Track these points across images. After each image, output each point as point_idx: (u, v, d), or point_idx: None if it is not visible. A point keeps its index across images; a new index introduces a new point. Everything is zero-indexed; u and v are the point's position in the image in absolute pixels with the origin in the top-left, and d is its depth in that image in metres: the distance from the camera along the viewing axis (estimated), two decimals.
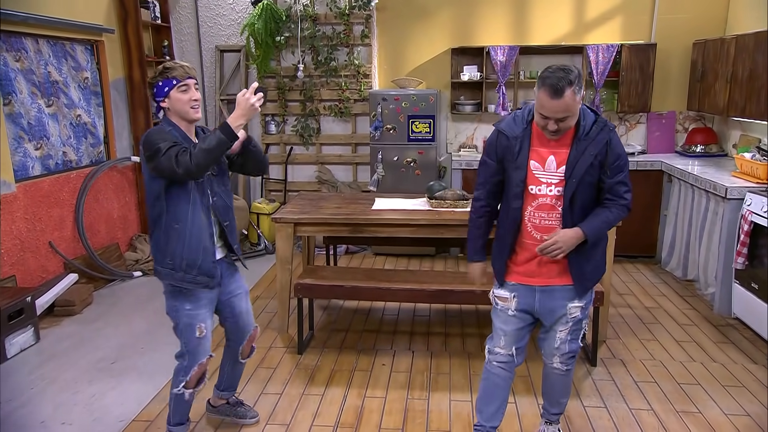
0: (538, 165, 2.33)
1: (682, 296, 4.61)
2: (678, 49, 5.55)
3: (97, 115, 5.21)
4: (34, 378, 3.42)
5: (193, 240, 2.45)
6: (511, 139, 2.35)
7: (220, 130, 2.32)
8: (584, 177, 2.27)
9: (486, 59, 5.56)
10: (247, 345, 2.84)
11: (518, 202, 2.36)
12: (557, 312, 2.42)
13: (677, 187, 5.04)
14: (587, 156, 2.26)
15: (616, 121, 5.79)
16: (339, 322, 4.16)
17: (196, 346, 2.55)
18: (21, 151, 4.33)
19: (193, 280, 2.48)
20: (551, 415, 2.72)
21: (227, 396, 2.96)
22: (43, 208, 4.46)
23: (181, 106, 2.43)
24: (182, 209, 2.44)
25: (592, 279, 2.41)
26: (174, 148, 2.32)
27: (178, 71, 2.42)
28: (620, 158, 2.32)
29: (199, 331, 2.54)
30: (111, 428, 2.90)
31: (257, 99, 2.34)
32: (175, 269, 2.45)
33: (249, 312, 2.81)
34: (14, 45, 4.28)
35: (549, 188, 2.32)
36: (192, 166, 2.29)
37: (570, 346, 2.48)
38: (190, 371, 2.56)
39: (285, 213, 3.87)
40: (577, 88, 2.14)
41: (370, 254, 5.81)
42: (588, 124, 2.28)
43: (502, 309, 2.49)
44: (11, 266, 4.13)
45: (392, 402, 3.12)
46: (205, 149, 2.29)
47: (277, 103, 6.09)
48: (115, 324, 4.17)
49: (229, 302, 2.71)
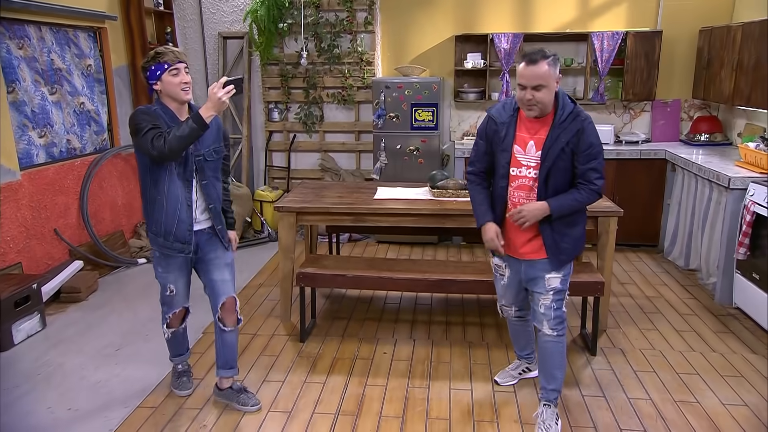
0: (521, 149, 2.61)
1: (683, 286, 4.62)
2: (684, 36, 5.50)
3: (101, 103, 5.22)
4: (40, 364, 3.48)
5: (169, 210, 2.73)
6: (499, 124, 2.64)
7: (192, 119, 2.54)
8: (556, 162, 2.53)
9: (490, 47, 5.52)
10: (225, 313, 2.91)
11: (504, 182, 2.67)
12: (538, 282, 2.71)
13: (681, 177, 5.02)
14: (559, 142, 2.51)
15: (620, 109, 5.76)
16: (341, 311, 4.19)
17: (169, 300, 2.97)
18: (25, 139, 4.35)
19: (171, 246, 2.79)
20: (548, 392, 2.80)
21: (227, 375, 3.01)
22: (48, 196, 4.50)
23: (172, 88, 2.65)
24: (162, 183, 2.70)
25: (567, 254, 2.66)
26: (152, 131, 2.56)
27: (169, 56, 2.63)
28: (592, 147, 2.54)
29: (169, 290, 2.93)
30: (117, 414, 2.95)
31: (225, 93, 2.51)
32: (158, 235, 2.79)
33: (225, 281, 2.92)
34: (17, 32, 4.28)
35: (528, 170, 2.60)
36: (165, 149, 2.53)
37: (555, 313, 2.72)
38: (167, 317, 3.01)
39: (287, 202, 3.88)
40: (552, 63, 2.43)
41: (372, 242, 5.83)
42: (565, 113, 2.52)
43: (500, 275, 2.90)
44: (17, 253, 4.17)
45: (393, 390, 3.16)
46: (179, 136, 2.53)
47: (281, 91, 6.08)
48: (119, 311, 4.22)
49: (206, 270, 2.92)
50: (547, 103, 2.50)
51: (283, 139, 6.24)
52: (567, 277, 2.73)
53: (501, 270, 2.87)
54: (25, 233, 4.25)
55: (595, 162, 2.54)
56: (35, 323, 3.89)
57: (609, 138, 5.52)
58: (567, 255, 2.67)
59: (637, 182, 5.34)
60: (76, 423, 2.89)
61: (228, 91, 2.52)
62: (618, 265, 5.06)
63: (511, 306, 2.98)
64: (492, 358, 3.51)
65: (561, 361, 2.78)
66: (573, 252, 2.69)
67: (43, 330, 3.92)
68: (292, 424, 2.86)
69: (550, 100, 2.51)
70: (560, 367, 2.79)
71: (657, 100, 5.61)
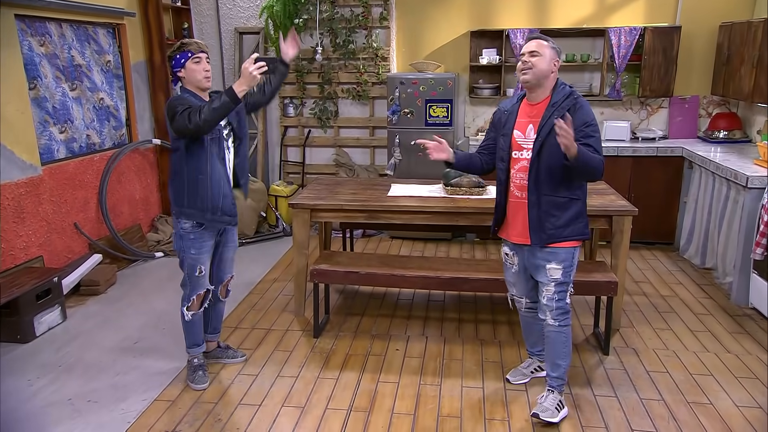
0: (521, 133, 2.76)
1: (699, 285, 4.59)
2: (703, 31, 5.42)
3: (119, 98, 5.29)
4: (61, 356, 3.56)
5: (214, 187, 2.98)
6: (504, 112, 2.85)
7: (225, 93, 2.76)
8: (548, 139, 2.62)
9: (505, 42, 5.49)
10: (223, 287, 3.36)
11: (503, 165, 2.82)
12: (540, 270, 2.81)
13: (698, 174, 4.97)
14: (551, 120, 2.58)
15: (637, 105, 5.70)
16: (354, 306, 4.23)
17: (196, 281, 3.14)
18: (46, 135, 4.44)
19: (220, 219, 3.04)
20: (552, 379, 2.91)
21: (214, 338, 3.43)
22: (68, 190, 4.58)
23: (195, 75, 2.93)
24: (203, 164, 2.94)
25: (551, 233, 2.71)
26: (187, 110, 2.78)
27: (193, 46, 2.93)
28: (587, 125, 2.62)
29: (199, 271, 3.11)
30: (134, 407, 3.02)
31: (255, 68, 2.73)
32: (205, 211, 2.99)
33: (233, 260, 3.36)
34: (39, 30, 4.35)
35: (529, 153, 2.72)
36: (200, 121, 2.74)
37: (557, 304, 2.80)
38: (191, 298, 3.15)
39: (302, 199, 3.92)
40: (552, 48, 2.63)
41: (386, 238, 5.86)
42: (561, 95, 2.66)
43: (509, 264, 2.99)
44: (39, 247, 4.26)
45: (405, 387, 3.20)
46: (213, 108, 2.75)
47: (296, 86, 6.11)
48: (137, 304, 4.30)
49: (222, 250, 3.25)
50: (542, 72, 2.63)
51: (298, 135, 6.28)
52: (569, 270, 2.80)
53: (510, 259, 2.97)
54: (46, 227, 4.34)
55: (591, 139, 2.62)
56: (56, 316, 3.98)
57: (625, 134, 5.48)
58: (548, 235, 2.71)
59: (654, 179, 5.29)
60: (95, 415, 2.96)
61: (259, 66, 2.73)
62: (633, 263, 5.04)
63: (522, 297, 3.05)
64: (504, 355, 3.52)
65: (564, 351, 2.87)
66: (559, 235, 2.72)
67: (63, 322, 4.01)
68: (306, 420, 2.91)
69: (544, 71, 2.63)
70: (563, 356, 2.87)
71: (675, 96, 5.54)
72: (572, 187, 2.73)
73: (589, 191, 2.93)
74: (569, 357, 2.90)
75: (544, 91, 2.69)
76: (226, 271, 3.33)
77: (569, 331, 2.86)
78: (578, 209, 2.77)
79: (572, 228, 2.75)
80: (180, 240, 3.09)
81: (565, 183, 2.70)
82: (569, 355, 2.89)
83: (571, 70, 5.68)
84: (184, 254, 3.10)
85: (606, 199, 3.76)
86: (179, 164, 2.98)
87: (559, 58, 2.68)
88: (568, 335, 2.86)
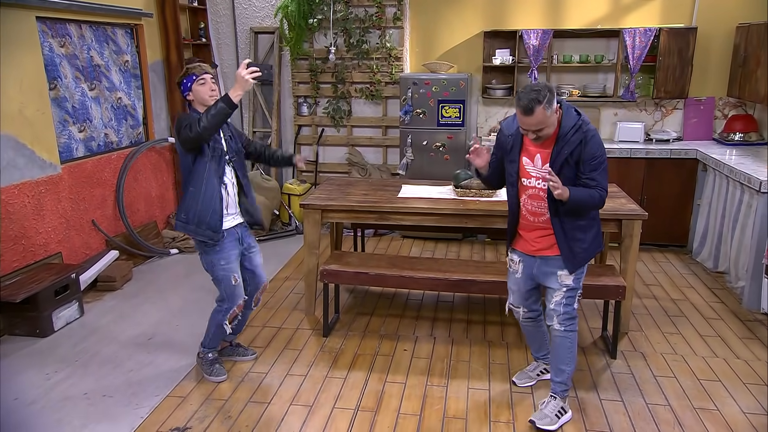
0: (529, 161, 2.75)
1: (710, 289, 4.56)
2: (720, 32, 5.37)
3: (137, 98, 5.38)
4: (78, 351, 3.67)
5: (204, 202, 3.02)
6: (507, 136, 2.81)
7: (221, 100, 2.87)
8: (561, 172, 2.63)
9: (519, 43, 5.49)
10: (259, 293, 3.44)
11: (513, 190, 2.83)
12: (550, 277, 2.83)
13: (712, 177, 4.93)
14: (562, 155, 2.64)
15: (651, 106, 5.67)
16: (364, 306, 4.28)
17: (232, 292, 3.19)
18: (66, 134, 4.54)
19: (203, 233, 3.05)
20: (556, 384, 2.94)
21: (230, 339, 3.52)
22: (87, 188, 4.69)
23: (201, 95, 3.02)
24: (198, 178, 3.02)
25: (582, 258, 2.77)
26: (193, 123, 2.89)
27: (197, 69, 3.03)
28: (594, 158, 2.64)
29: (234, 280, 3.17)
30: (147, 402, 3.10)
31: (248, 72, 2.83)
32: (188, 223, 3.04)
33: (262, 266, 3.42)
34: (59, 31, 4.45)
35: (537, 182, 2.74)
36: (200, 127, 2.84)
37: (565, 309, 2.83)
38: (230, 311, 3.22)
39: (313, 199, 3.97)
40: (548, 105, 2.53)
41: (398, 237, 5.90)
42: (568, 126, 2.63)
43: (513, 271, 2.99)
44: (58, 243, 4.37)
45: (412, 387, 3.24)
46: (211, 114, 2.86)
47: (310, 85, 6.16)
48: (153, 300, 4.39)
49: (248, 257, 3.32)
50: (550, 131, 2.63)
51: (312, 133, 6.34)
52: (580, 276, 2.84)
53: (514, 266, 2.98)
54: (65, 224, 4.45)
55: (595, 173, 2.66)
56: (74, 311, 4.09)
57: (639, 136, 5.45)
58: (582, 258, 2.78)
59: (667, 182, 5.26)
60: (110, 409, 3.05)
61: (252, 71, 2.84)
62: (644, 266, 5.02)
63: (519, 306, 3.06)
64: (511, 358, 3.55)
65: (569, 356, 2.89)
66: (587, 255, 2.80)
67: (81, 317, 4.12)
68: (313, 418, 2.97)
69: (552, 128, 2.62)
70: (568, 362, 2.90)
71: (690, 97, 5.50)
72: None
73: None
74: (574, 363, 2.92)
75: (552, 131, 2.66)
76: (261, 278, 3.40)
77: (575, 336, 2.88)
78: (598, 226, 2.86)
79: (595, 244, 2.83)
80: (206, 256, 3.14)
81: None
82: (574, 360, 2.91)
83: (584, 71, 5.66)
84: (214, 268, 3.14)
85: (616, 202, 3.75)
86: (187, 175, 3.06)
87: (555, 100, 2.58)
88: (574, 341, 2.88)
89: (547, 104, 2.53)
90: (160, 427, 2.89)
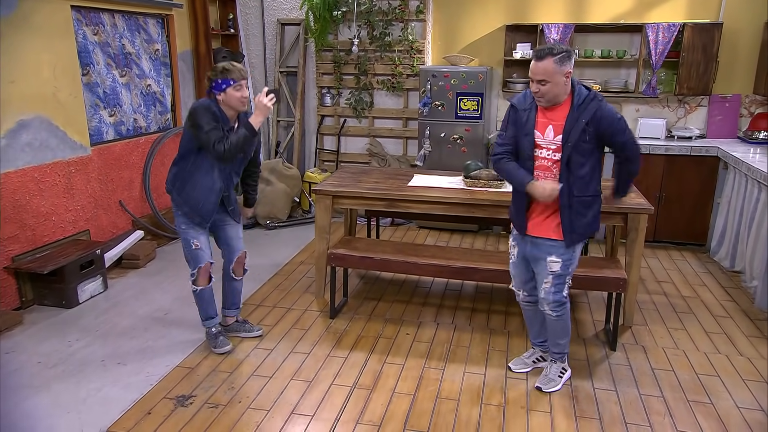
0: (539, 133, 2.82)
1: (724, 287, 4.51)
2: (748, 29, 5.26)
3: (166, 85, 5.60)
4: (100, 322, 3.89)
5: (200, 191, 3.20)
6: (521, 111, 2.87)
7: (244, 127, 3.08)
8: (578, 143, 2.72)
9: (540, 37, 5.49)
10: (237, 265, 3.54)
11: (530, 163, 2.87)
12: (540, 263, 2.93)
13: (732, 175, 4.86)
14: (580, 123, 2.70)
15: (674, 103, 5.59)
16: (373, 291, 4.40)
17: (194, 256, 3.34)
18: (97, 118, 4.78)
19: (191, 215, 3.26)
20: (553, 354, 3.19)
21: (233, 314, 3.67)
22: (115, 170, 4.93)
23: (234, 101, 3.11)
24: (201, 167, 3.19)
25: (578, 234, 2.85)
26: (214, 133, 3.03)
27: (235, 74, 3.08)
28: (614, 123, 2.74)
29: (194, 245, 3.31)
30: (157, 371, 3.29)
31: (268, 100, 3.06)
32: (181, 205, 3.25)
33: (238, 238, 3.52)
34: (93, 20, 4.68)
35: (548, 152, 2.82)
36: (223, 154, 3.04)
37: (554, 297, 2.95)
38: (194, 273, 3.36)
39: (325, 185, 4.10)
40: (559, 61, 2.62)
41: (414, 227, 5.99)
42: (581, 97, 2.72)
43: (511, 255, 3.13)
44: (86, 221, 4.62)
45: (409, 369, 3.34)
46: (235, 144, 3.06)
47: (333, 77, 6.29)
48: (172, 278, 4.60)
49: (222, 228, 3.46)
50: (554, 95, 2.72)
51: (334, 124, 6.47)
52: (568, 263, 2.92)
53: (513, 250, 3.11)
54: (93, 203, 4.69)
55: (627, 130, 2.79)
56: (98, 285, 4.32)
57: (660, 132, 5.40)
58: (579, 235, 2.86)
59: (687, 179, 5.20)
60: (123, 376, 3.25)
61: (270, 99, 3.07)
62: (659, 263, 4.99)
63: (519, 289, 3.18)
64: (511, 345, 3.61)
65: (563, 333, 3.09)
66: (585, 232, 2.88)
67: (104, 292, 4.35)
68: (312, 393, 3.10)
69: (557, 93, 2.71)
70: (563, 336, 3.11)
71: (715, 94, 5.40)
72: (595, 185, 2.88)
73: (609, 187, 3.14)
74: (569, 334, 3.14)
75: (561, 99, 2.76)
76: (234, 249, 3.50)
77: (567, 316, 3.06)
78: (599, 205, 2.93)
79: (594, 223, 2.90)
80: (176, 218, 3.34)
81: (591, 183, 2.84)
82: (569, 333, 3.13)
83: (606, 66, 5.62)
84: (179, 230, 3.34)
85: None
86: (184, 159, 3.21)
87: (570, 65, 2.66)
88: (567, 320, 3.06)
89: (558, 60, 2.62)
90: (167, 394, 3.07)
